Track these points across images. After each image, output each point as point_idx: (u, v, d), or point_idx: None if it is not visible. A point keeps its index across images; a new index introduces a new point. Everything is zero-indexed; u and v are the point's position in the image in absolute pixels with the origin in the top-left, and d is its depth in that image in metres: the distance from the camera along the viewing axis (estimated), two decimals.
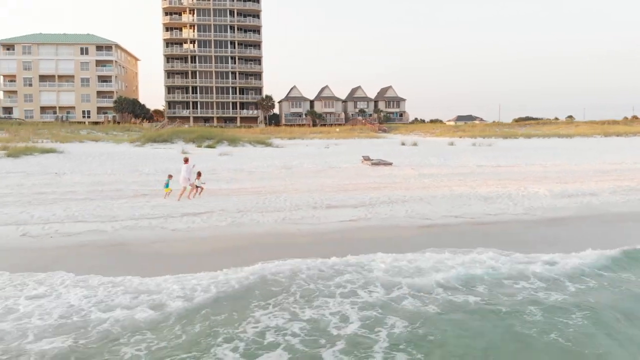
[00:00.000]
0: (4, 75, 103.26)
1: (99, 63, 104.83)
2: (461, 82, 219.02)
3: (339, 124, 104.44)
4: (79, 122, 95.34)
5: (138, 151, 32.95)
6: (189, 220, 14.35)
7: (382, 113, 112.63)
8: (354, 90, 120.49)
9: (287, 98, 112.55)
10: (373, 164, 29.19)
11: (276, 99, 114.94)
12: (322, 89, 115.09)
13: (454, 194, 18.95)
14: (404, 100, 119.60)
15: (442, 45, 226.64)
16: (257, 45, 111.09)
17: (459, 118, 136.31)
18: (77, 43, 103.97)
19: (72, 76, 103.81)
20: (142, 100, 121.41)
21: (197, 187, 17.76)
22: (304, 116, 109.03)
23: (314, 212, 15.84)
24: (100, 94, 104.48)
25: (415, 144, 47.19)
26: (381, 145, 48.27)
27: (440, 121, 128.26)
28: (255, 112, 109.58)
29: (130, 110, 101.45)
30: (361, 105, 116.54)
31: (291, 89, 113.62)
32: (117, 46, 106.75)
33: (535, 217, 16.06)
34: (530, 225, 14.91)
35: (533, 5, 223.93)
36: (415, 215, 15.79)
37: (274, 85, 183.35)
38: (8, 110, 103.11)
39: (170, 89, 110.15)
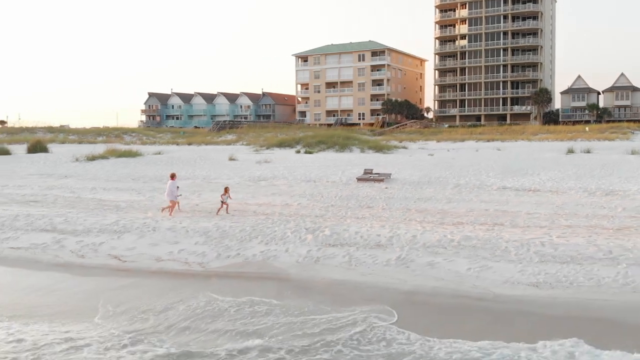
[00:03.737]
0: (300, 84, 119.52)
1: (374, 68, 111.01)
2: None
3: (635, 121, 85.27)
4: (354, 124, 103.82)
5: (219, 155, 35.18)
6: None
7: None
8: None
9: (568, 90, 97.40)
10: (359, 179, 24.24)
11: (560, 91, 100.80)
12: (617, 78, 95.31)
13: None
14: None
15: None
16: (534, 33, 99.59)
17: None
18: (355, 51, 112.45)
19: (351, 82, 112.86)
20: (424, 100, 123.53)
21: (222, 202, 16.92)
22: (586, 111, 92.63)
23: None
24: (373, 97, 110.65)
25: (588, 151, 36.21)
26: (541, 151, 38.81)
27: None
28: (529, 107, 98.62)
29: (397, 111, 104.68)
30: None
31: (575, 79, 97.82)
32: (391, 50, 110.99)
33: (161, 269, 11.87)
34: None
35: None
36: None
37: (559, 77, 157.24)
38: (302, 114, 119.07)
39: (441, 88, 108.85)
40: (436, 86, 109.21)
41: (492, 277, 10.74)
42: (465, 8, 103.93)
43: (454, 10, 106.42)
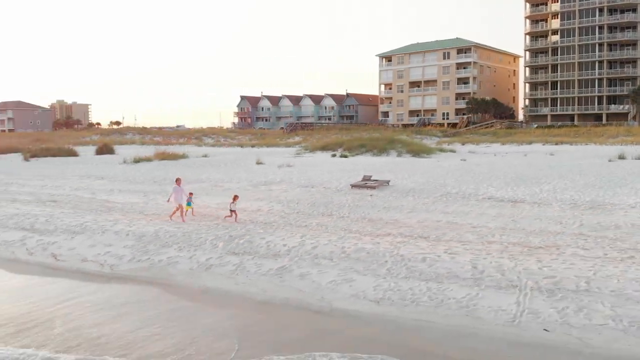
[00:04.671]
0: (384, 84, 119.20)
1: (459, 66, 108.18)
2: None
3: None
4: (439, 124, 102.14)
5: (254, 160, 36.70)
6: None
7: None
8: None
9: None
10: (353, 186, 24.29)
11: None
12: None
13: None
14: None
15: None
16: (633, 27, 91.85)
17: None
18: (440, 49, 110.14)
19: (435, 81, 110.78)
20: (518, 99, 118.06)
21: (232, 211, 17.07)
22: None
23: None
24: (459, 95, 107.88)
25: None
26: (592, 156, 36.44)
27: None
28: (627, 107, 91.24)
29: (483, 110, 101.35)
30: None
31: None
32: (478, 47, 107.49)
33: None
34: None
35: None
36: None
37: None
38: (385, 114, 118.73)
39: (532, 86, 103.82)
40: (526, 84, 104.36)
41: (345, 290, 10.89)
42: (557, 1, 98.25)
43: (546, 4, 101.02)
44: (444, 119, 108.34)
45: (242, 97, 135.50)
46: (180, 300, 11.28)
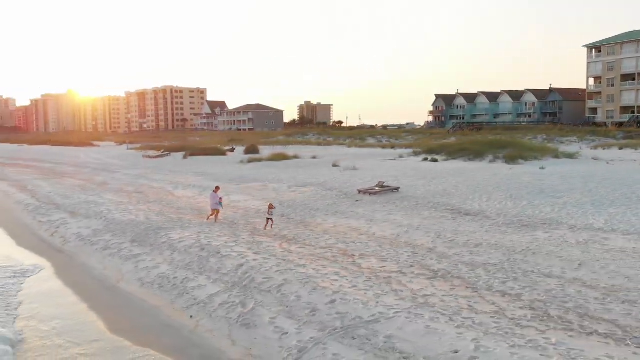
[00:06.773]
0: (593, 78, 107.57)
1: None
2: None
3: None
4: None
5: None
6: None
7: None
8: None
9: None
10: (359, 191, 25.44)
11: None
12: None
13: None
14: None
15: None
16: None
17: None
18: None
19: None
20: None
21: (268, 219, 17.93)
22: None
23: None
24: None
25: None
26: None
27: None
28: None
29: None
30: None
31: None
32: None
33: None
34: None
35: None
36: None
37: None
38: (593, 111, 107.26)
39: None
40: None
41: (141, 275, 13.82)
42: None
43: None
44: None
45: (437, 96, 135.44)
46: (55, 268, 15.58)
